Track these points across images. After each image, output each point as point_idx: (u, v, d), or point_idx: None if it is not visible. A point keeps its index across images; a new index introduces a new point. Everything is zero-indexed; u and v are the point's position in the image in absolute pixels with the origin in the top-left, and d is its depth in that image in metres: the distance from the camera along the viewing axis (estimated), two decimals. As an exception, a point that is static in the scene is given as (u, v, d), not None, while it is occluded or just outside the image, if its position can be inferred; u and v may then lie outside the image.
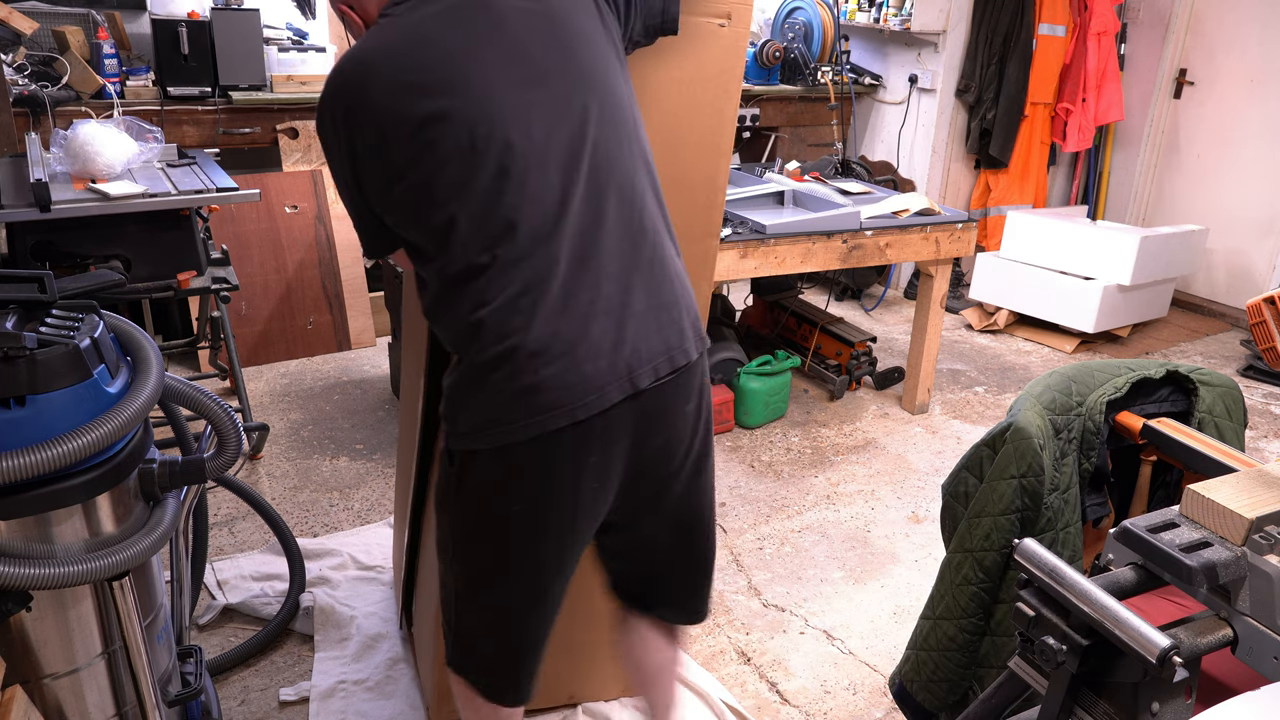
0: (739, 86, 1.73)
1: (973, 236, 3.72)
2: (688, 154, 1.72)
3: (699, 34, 1.64)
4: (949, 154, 5.23)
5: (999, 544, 1.71)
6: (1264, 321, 1.70)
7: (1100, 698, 1.19)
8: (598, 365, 1.34)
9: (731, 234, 3.19)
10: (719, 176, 1.76)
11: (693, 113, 1.69)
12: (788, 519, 3.08)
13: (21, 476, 1.25)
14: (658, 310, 1.41)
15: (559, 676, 2.11)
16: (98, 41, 3.67)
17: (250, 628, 2.42)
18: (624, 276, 1.38)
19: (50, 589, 1.34)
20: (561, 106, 1.35)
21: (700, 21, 1.64)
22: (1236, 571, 1.19)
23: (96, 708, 1.50)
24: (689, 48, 1.64)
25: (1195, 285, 5.42)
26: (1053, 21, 5.09)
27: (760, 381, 3.65)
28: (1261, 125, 5.05)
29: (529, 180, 1.32)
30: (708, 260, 1.82)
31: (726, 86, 1.70)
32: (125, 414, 1.36)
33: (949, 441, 3.68)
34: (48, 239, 2.82)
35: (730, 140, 1.76)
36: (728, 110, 1.72)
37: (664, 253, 1.44)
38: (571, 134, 1.35)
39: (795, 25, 5.14)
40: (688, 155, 1.72)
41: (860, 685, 2.36)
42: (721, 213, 1.80)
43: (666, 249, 1.45)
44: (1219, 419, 1.80)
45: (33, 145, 3.06)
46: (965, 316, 5.06)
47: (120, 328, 1.54)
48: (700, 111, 1.69)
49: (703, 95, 1.68)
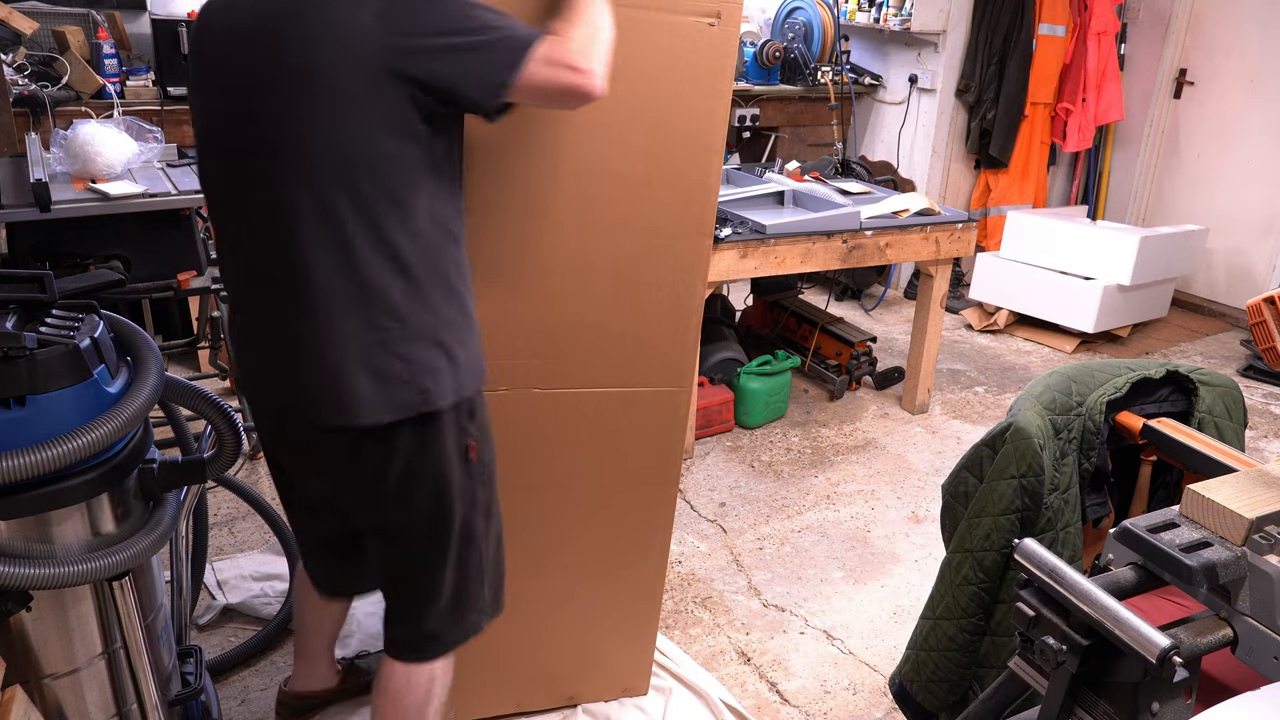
0: (730, 86, 1.72)
1: (973, 236, 3.72)
2: (679, 153, 1.72)
3: (688, 33, 1.63)
4: (949, 154, 5.23)
5: (999, 544, 1.71)
6: (1264, 321, 1.69)
7: (1100, 698, 1.19)
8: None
9: (731, 234, 3.19)
10: (710, 176, 1.76)
11: (684, 112, 1.69)
12: (788, 519, 3.08)
13: (21, 476, 1.25)
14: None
15: (559, 677, 2.11)
16: (98, 41, 3.67)
17: (250, 628, 2.42)
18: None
19: (50, 589, 1.34)
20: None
21: (690, 21, 1.63)
22: (1236, 571, 1.19)
23: (96, 708, 1.50)
24: (679, 47, 1.64)
25: (1195, 285, 5.42)
26: (1053, 21, 5.09)
27: (760, 381, 3.65)
28: (1261, 125, 5.05)
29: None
30: (701, 258, 1.81)
31: (717, 86, 1.69)
32: (125, 414, 1.36)
33: (949, 441, 3.68)
34: (48, 239, 2.81)
35: (722, 139, 1.75)
36: (719, 109, 1.72)
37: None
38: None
39: (795, 25, 5.14)
40: (679, 154, 1.72)
41: (860, 685, 2.36)
42: (714, 212, 1.80)
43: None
44: (1219, 419, 1.80)
45: (33, 145, 3.06)
46: (965, 316, 5.06)
47: (120, 328, 1.54)
48: (691, 111, 1.69)
49: (693, 94, 1.68)
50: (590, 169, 1.67)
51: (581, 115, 1.60)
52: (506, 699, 2.08)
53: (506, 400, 1.77)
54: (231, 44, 1.39)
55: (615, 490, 1.94)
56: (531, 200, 1.65)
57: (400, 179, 1.36)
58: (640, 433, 1.90)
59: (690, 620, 2.55)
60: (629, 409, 1.87)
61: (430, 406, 1.44)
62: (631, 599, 2.07)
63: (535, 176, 1.64)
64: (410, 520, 1.56)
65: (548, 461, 1.86)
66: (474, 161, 1.58)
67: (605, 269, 1.75)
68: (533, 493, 1.88)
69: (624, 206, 1.72)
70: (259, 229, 1.42)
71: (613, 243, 1.74)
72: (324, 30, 1.31)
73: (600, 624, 2.08)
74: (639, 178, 1.71)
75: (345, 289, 1.37)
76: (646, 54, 1.62)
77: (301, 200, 1.36)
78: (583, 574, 2.00)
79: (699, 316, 1.86)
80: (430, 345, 1.43)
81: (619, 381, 1.85)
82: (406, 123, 1.35)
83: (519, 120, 1.57)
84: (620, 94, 1.62)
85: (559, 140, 1.63)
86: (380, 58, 1.30)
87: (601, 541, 1.98)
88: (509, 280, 1.69)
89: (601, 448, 1.89)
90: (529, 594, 1.97)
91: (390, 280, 1.38)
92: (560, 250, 1.71)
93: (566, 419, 1.84)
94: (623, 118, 1.65)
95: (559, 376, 1.80)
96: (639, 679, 2.18)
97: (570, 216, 1.69)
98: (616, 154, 1.67)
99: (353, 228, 1.36)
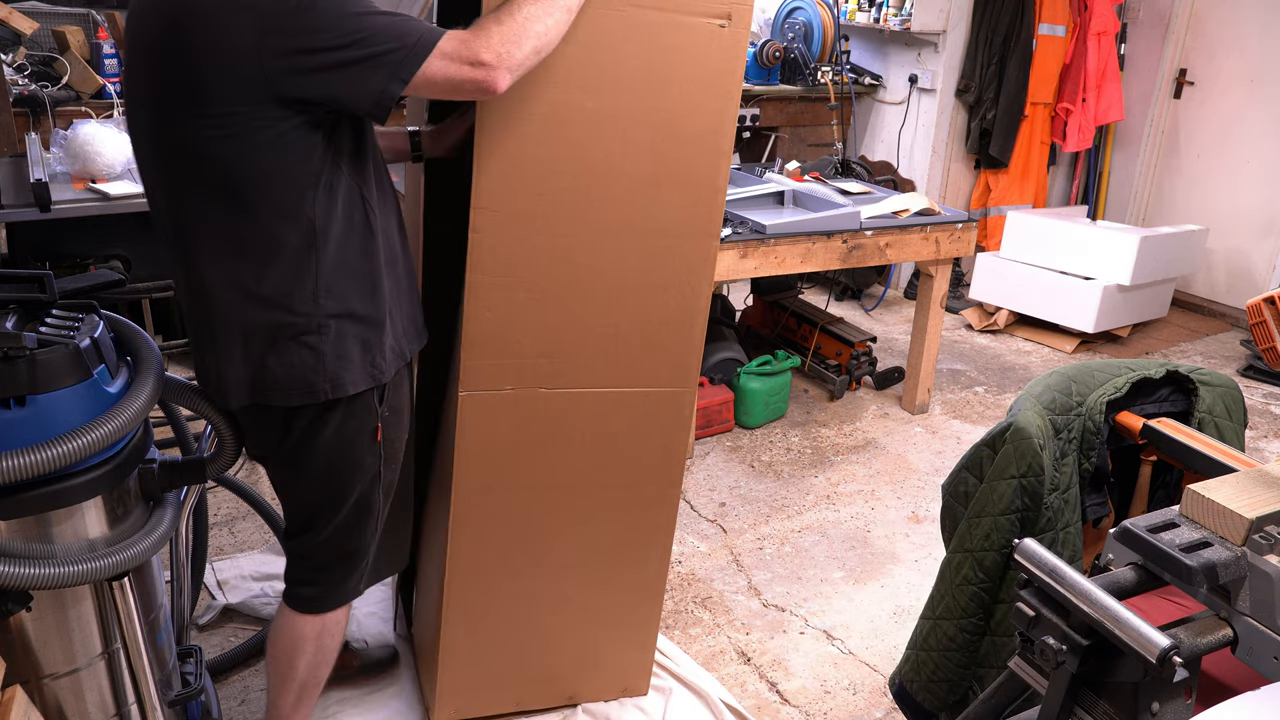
0: (739, 88, 1.72)
1: (973, 236, 3.72)
2: (687, 154, 1.72)
3: (699, 35, 1.64)
4: (949, 154, 5.23)
5: (999, 544, 1.71)
6: (1264, 321, 1.70)
7: (1100, 698, 1.19)
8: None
9: (731, 234, 3.19)
10: (719, 177, 1.76)
11: (692, 113, 1.69)
12: (788, 519, 3.08)
13: (21, 476, 1.25)
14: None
15: (559, 676, 2.11)
16: (98, 41, 3.67)
17: (250, 628, 2.42)
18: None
19: (50, 589, 1.34)
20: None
21: (700, 22, 1.63)
22: (1236, 571, 1.19)
23: (96, 708, 1.50)
24: (689, 48, 1.64)
25: (1195, 285, 5.42)
26: (1053, 21, 5.09)
27: (760, 381, 3.65)
28: (1261, 125, 5.05)
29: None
30: (707, 260, 1.81)
31: (727, 88, 1.69)
32: (125, 414, 1.36)
33: (949, 441, 3.68)
34: (48, 239, 2.82)
35: (730, 141, 1.75)
36: (728, 111, 1.72)
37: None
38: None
39: (795, 25, 5.14)
40: (687, 155, 1.72)
41: (860, 685, 2.36)
42: (721, 213, 1.80)
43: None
44: (1219, 419, 1.80)
45: (33, 145, 3.06)
46: (965, 316, 5.06)
47: (120, 328, 1.54)
48: (700, 112, 1.69)
49: (703, 96, 1.68)
50: (596, 168, 1.66)
51: (590, 114, 1.61)
52: (506, 698, 2.08)
53: (512, 400, 1.77)
54: (133, 51, 1.45)
55: (618, 490, 1.94)
56: (538, 200, 1.65)
57: (292, 183, 1.42)
58: (644, 433, 1.90)
59: (690, 620, 2.55)
60: (634, 409, 1.87)
61: (340, 393, 1.53)
62: (632, 599, 2.07)
63: (542, 176, 1.64)
64: (310, 487, 1.65)
65: (551, 460, 1.86)
66: (479, 162, 1.58)
67: (611, 269, 1.75)
68: (536, 491, 1.88)
69: (631, 206, 1.71)
70: (169, 230, 1.50)
71: (619, 243, 1.73)
72: (208, 47, 1.34)
73: (601, 624, 2.08)
74: (646, 178, 1.70)
75: (243, 287, 1.46)
76: (656, 54, 1.62)
77: (193, 208, 1.44)
78: (584, 573, 2.00)
79: (705, 317, 1.86)
80: (340, 336, 1.51)
81: (624, 382, 1.85)
82: (298, 132, 1.39)
83: (526, 119, 1.57)
84: (629, 94, 1.63)
85: (566, 140, 1.62)
86: (262, 77, 1.33)
87: (603, 541, 1.98)
88: (515, 280, 1.69)
89: (605, 447, 1.89)
90: (529, 593, 1.97)
91: (288, 279, 1.46)
92: (566, 250, 1.70)
93: (571, 418, 1.84)
94: (631, 117, 1.65)
95: (564, 376, 1.80)
96: (639, 679, 2.18)
97: (577, 216, 1.69)
98: (623, 153, 1.67)
99: (244, 231, 1.43)
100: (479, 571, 1.90)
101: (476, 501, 1.83)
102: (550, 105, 1.58)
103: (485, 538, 1.87)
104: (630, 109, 1.64)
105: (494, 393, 1.75)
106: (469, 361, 1.71)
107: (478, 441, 1.77)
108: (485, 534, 1.87)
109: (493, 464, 1.81)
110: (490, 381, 1.74)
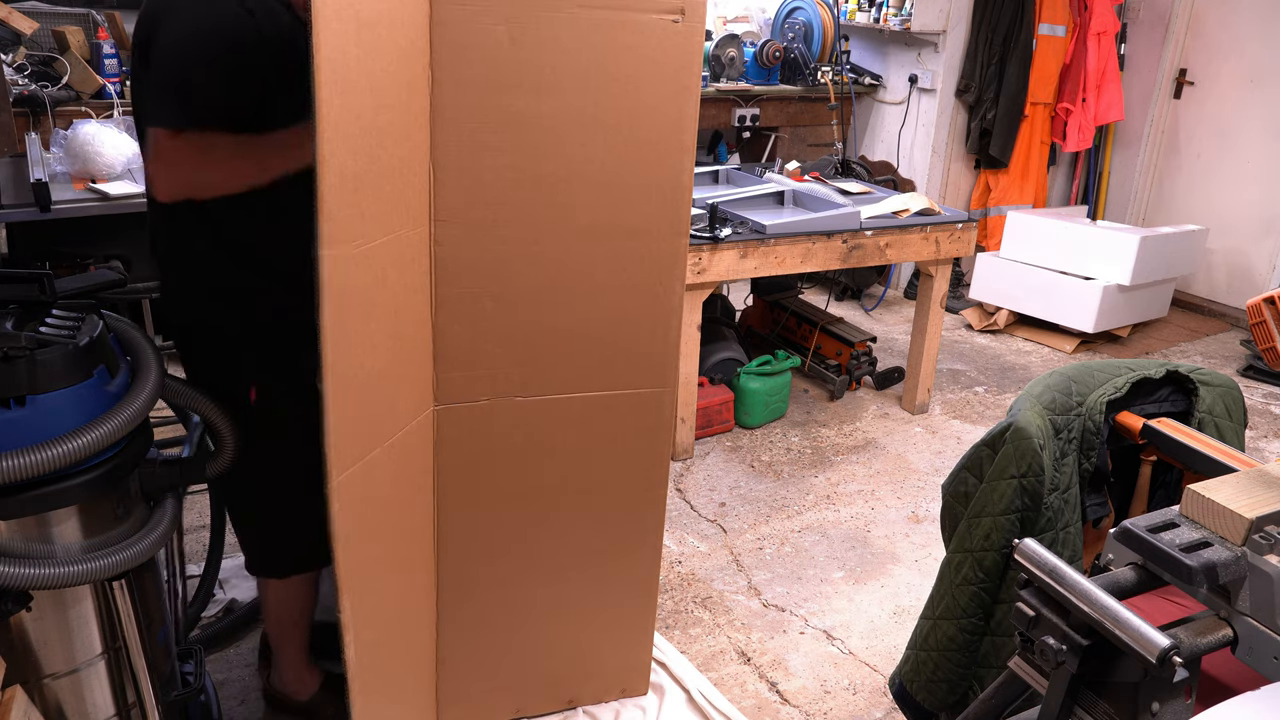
0: (698, 82, 1.71)
1: (973, 236, 3.72)
2: (650, 152, 1.70)
3: (652, 31, 1.62)
4: (949, 154, 5.23)
5: (999, 544, 1.71)
6: (1264, 321, 1.70)
7: (1100, 698, 1.19)
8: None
9: (731, 234, 3.19)
10: (683, 175, 1.74)
11: (652, 111, 1.67)
12: (788, 519, 3.08)
13: (21, 476, 1.25)
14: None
15: (558, 680, 2.11)
16: (98, 41, 3.67)
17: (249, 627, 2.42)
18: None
19: (50, 589, 1.34)
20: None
21: (653, 19, 1.62)
22: (1236, 571, 1.19)
23: (96, 708, 1.50)
24: (643, 46, 1.62)
25: (1195, 285, 5.42)
26: (1053, 21, 5.09)
27: (760, 381, 3.65)
28: (1261, 125, 5.05)
29: None
30: (678, 258, 1.80)
31: (685, 83, 1.68)
32: (125, 414, 1.36)
33: (949, 441, 3.68)
34: (48, 239, 2.82)
35: (693, 136, 1.73)
36: (688, 107, 1.70)
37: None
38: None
39: (795, 25, 5.14)
40: (650, 154, 1.70)
41: (860, 685, 2.36)
42: (689, 210, 1.78)
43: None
44: (1219, 419, 1.80)
45: (33, 145, 3.06)
46: (965, 316, 5.06)
47: (120, 328, 1.54)
48: (659, 109, 1.68)
49: (660, 93, 1.67)
50: (558, 172, 1.65)
51: (546, 118, 1.60)
52: (507, 704, 2.08)
53: (488, 411, 1.76)
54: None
55: (603, 493, 1.93)
56: (498, 208, 1.64)
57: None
58: (625, 435, 1.89)
59: (690, 620, 2.55)
60: (613, 412, 1.86)
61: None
62: (627, 601, 2.07)
63: (500, 184, 1.62)
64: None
65: (534, 469, 1.85)
66: (436, 174, 1.57)
67: (580, 273, 1.73)
68: (521, 501, 1.87)
69: (596, 208, 1.70)
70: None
71: (587, 246, 1.72)
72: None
73: (597, 626, 2.08)
74: (610, 178, 1.69)
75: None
76: (610, 54, 1.61)
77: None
78: (577, 578, 2.00)
79: (679, 316, 1.85)
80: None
81: (601, 385, 1.84)
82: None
83: (479, 128, 1.56)
84: (585, 95, 1.61)
85: (523, 145, 1.61)
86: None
87: (593, 545, 1.98)
88: (481, 290, 1.67)
89: (587, 452, 1.88)
90: (523, 601, 1.97)
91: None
92: (532, 257, 1.69)
93: (550, 426, 1.83)
94: (589, 118, 1.63)
95: (539, 384, 1.78)
96: (637, 679, 2.18)
97: (540, 221, 1.67)
98: (584, 155, 1.66)
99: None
100: (471, 583, 1.89)
101: (461, 514, 1.82)
102: (503, 112, 1.57)
103: (473, 549, 1.87)
104: (587, 110, 1.63)
105: (469, 405, 1.73)
106: (442, 374, 1.69)
107: (456, 455, 1.76)
108: (473, 545, 1.86)
109: (473, 476, 1.80)
110: (464, 393, 1.72)
